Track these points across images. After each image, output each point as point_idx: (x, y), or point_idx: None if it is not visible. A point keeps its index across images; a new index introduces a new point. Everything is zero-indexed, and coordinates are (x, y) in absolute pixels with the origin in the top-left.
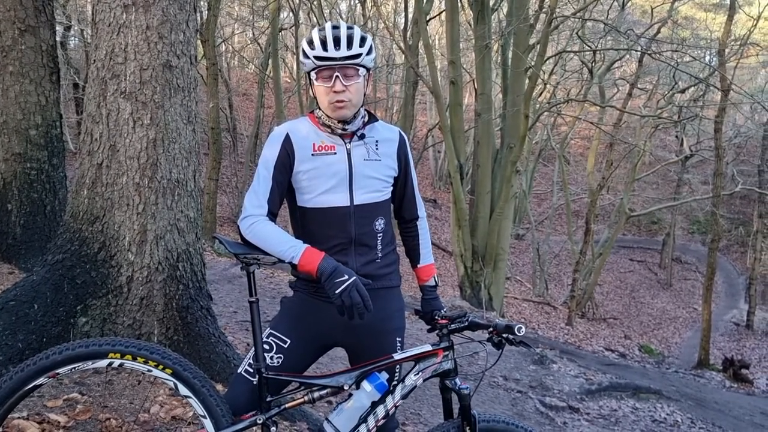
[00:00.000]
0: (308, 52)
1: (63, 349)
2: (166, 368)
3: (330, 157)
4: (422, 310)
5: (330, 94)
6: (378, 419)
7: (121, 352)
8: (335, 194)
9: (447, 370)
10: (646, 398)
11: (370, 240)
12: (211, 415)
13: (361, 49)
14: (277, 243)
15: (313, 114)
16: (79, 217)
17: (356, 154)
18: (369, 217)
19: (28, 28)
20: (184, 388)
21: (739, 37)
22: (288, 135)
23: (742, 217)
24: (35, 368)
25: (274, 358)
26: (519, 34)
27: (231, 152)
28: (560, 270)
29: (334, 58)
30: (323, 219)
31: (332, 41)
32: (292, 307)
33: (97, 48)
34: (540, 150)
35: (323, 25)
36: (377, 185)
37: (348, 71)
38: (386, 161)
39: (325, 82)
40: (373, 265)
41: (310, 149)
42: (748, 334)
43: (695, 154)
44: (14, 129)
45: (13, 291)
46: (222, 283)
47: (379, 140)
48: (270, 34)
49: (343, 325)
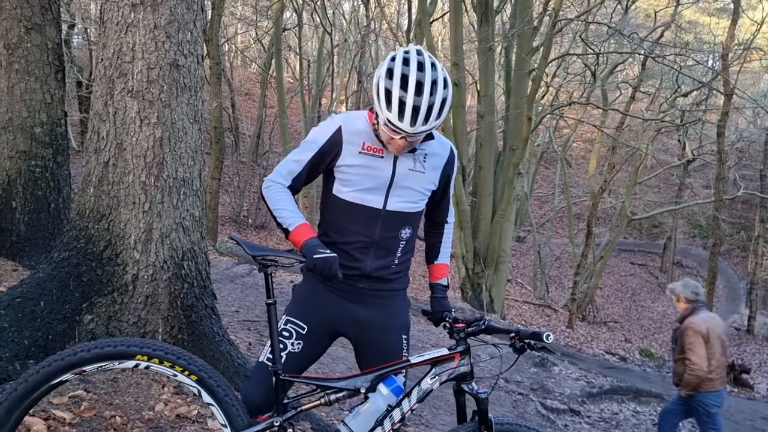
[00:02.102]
0: (382, 105)
1: (91, 347)
2: (192, 374)
3: (376, 160)
4: (431, 309)
5: (392, 141)
6: (394, 422)
7: (149, 355)
8: (371, 195)
9: (463, 374)
10: (647, 402)
11: (392, 246)
12: (232, 426)
13: (436, 122)
14: (283, 209)
15: (372, 115)
16: (86, 215)
17: (402, 163)
18: (397, 223)
19: (34, 26)
20: (207, 396)
21: (742, 42)
22: (341, 128)
23: (743, 221)
24: (63, 364)
25: (294, 344)
26: (522, 37)
27: (233, 152)
28: (561, 273)
29: (405, 132)
30: (353, 214)
31: (410, 113)
32: (305, 293)
33: (105, 47)
34: (542, 152)
35: (407, 63)
36: (414, 196)
37: (418, 135)
38: (430, 175)
39: (391, 132)
40: (386, 270)
41: (359, 147)
42: (749, 339)
43: (697, 158)
44: (19, 126)
45: (20, 288)
46: (224, 283)
47: (428, 154)
48: (273, 34)
49: (350, 316)
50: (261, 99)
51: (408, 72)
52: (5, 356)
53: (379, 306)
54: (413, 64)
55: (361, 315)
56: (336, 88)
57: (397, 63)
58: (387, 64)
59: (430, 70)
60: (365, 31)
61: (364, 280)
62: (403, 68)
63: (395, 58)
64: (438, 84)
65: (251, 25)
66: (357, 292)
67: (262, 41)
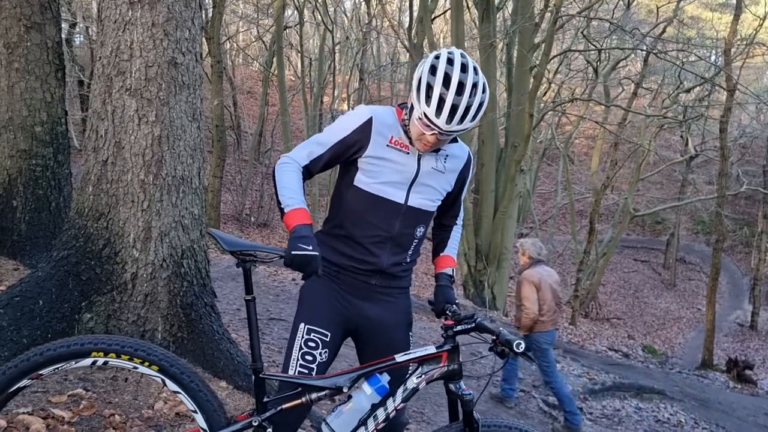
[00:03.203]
0: (421, 99)
1: (44, 350)
2: (153, 365)
3: (402, 155)
4: (435, 299)
5: (422, 136)
6: (378, 422)
7: (105, 350)
8: (394, 189)
9: (452, 373)
10: (649, 398)
11: (407, 242)
12: (203, 410)
13: (471, 123)
14: (287, 188)
15: (401, 110)
16: (84, 214)
17: (426, 161)
18: (414, 220)
19: (33, 25)
20: (172, 384)
21: (745, 37)
22: (371, 119)
23: (746, 217)
24: (17, 371)
25: (322, 354)
26: (524, 33)
27: (235, 150)
28: (564, 270)
29: (440, 128)
30: (373, 207)
31: (448, 110)
32: (316, 296)
33: (103, 45)
34: (544, 149)
35: (452, 63)
36: (433, 195)
37: (449, 134)
38: (448, 176)
39: (424, 127)
40: (399, 267)
41: (387, 140)
42: (752, 335)
43: (700, 154)
44: (20, 126)
45: (19, 287)
46: (225, 281)
47: (449, 155)
48: (275, 32)
49: (361, 314)
50: (263, 97)
51: (451, 71)
52: (4, 355)
53: (387, 304)
54: (457, 65)
55: (371, 313)
56: (338, 85)
57: (442, 61)
58: (431, 61)
59: (473, 73)
60: (367, 29)
61: (378, 277)
62: (447, 67)
63: (439, 56)
64: (478, 87)
65: (252, 22)
66: (368, 289)
67: (264, 39)
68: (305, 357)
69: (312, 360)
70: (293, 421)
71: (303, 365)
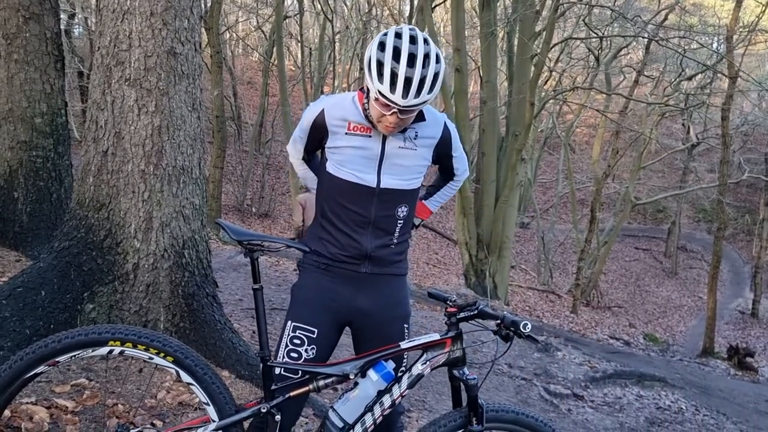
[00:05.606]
0: (373, 77)
1: (62, 338)
2: (168, 356)
3: (363, 139)
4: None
5: (383, 118)
6: (384, 408)
7: (122, 339)
8: (364, 173)
9: (455, 359)
10: (650, 386)
11: (389, 225)
12: (215, 402)
13: (429, 95)
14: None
15: (362, 94)
16: (85, 204)
17: (391, 141)
18: (392, 202)
19: (32, 16)
20: (186, 375)
21: (747, 24)
22: (323, 111)
23: (748, 205)
24: (35, 357)
25: (308, 350)
26: (525, 21)
27: (235, 140)
28: (565, 258)
29: (397, 104)
30: (348, 192)
31: (402, 84)
32: (307, 292)
33: (102, 35)
34: (545, 138)
35: (400, 37)
36: (406, 173)
37: (409, 111)
38: (422, 152)
39: (382, 108)
40: (386, 250)
41: (345, 128)
42: (753, 323)
43: (702, 142)
44: (20, 117)
45: (21, 278)
46: (227, 271)
47: (418, 132)
48: (274, 22)
49: (353, 306)
50: (263, 87)
51: (400, 45)
52: (7, 346)
53: (381, 293)
54: (405, 38)
55: (364, 304)
56: (338, 75)
57: (390, 36)
58: (379, 39)
59: (423, 44)
60: (367, 18)
61: (366, 264)
62: (396, 41)
63: (387, 33)
64: (430, 57)
65: (252, 12)
66: (359, 278)
67: (263, 29)
68: (290, 354)
69: (297, 357)
70: (296, 408)
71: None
